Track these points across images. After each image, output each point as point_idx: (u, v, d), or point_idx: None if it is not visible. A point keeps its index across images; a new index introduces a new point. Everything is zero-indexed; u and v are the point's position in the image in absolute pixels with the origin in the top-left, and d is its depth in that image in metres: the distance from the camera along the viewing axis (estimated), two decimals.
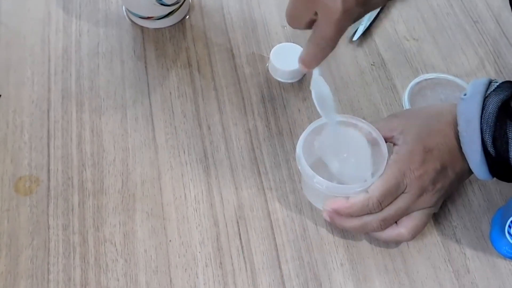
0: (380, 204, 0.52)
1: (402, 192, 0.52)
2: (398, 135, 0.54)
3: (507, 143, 0.49)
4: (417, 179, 0.52)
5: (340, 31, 0.49)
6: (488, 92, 0.51)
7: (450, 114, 0.54)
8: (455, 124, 0.53)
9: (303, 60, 0.53)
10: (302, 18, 0.51)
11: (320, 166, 0.55)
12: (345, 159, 0.55)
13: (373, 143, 0.55)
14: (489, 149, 0.50)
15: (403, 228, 0.53)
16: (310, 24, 0.51)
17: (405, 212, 0.53)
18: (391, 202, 0.52)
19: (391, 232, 0.53)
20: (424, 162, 0.52)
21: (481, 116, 0.50)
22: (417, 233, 0.54)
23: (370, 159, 0.55)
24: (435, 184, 0.52)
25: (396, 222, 0.54)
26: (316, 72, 0.55)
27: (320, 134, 0.56)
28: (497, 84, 0.52)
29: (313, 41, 0.51)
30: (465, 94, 0.53)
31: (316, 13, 0.49)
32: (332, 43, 0.50)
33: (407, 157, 0.52)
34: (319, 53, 0.52)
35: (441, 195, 0.54)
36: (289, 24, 0.53)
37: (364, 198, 0.52)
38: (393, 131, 0.54)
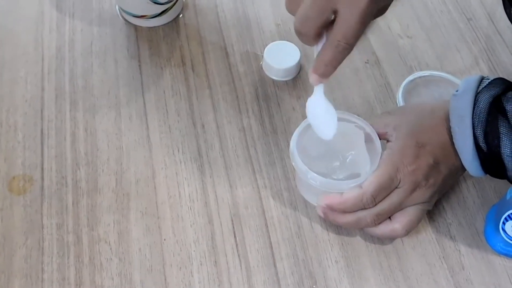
0: (374, 199, 0.52)
1: (396, 187, 0.52)
2: (392, 131, 0.54)
3: (498, 138, 0.49)
4: (410, 174, 0.52)
5: (363, 25, 0.45)
6: (480, 88, 0.52)
7: (442, 111, 0.54)
8: (448, 120, 0.53)
9: (318, 69, 0.48)
10: (318, 19, 0.45)
11: (313, 162, 0.55)
12: (344, 155, 0.56)
13: (367, 139, 0.55)
14: (480, 144, 0.50)
15: (397, 224, 0.53)
16: (322, 29, 0.47)
17: (398, 208, 0.53)
18: (384, 197, 0.52)
19: (385, 228, 0.53)
20: (417, 157, 0.52)
21: (473, 112, 0.51)
22: (411, 229, 0.54)
23: (367, 153, 0.55)
24: (428, 179, 0.53)
25: (390, 218, 0.54)
26: (320, 88, 0.51)
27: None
28: (489, 80, 0.52)
29: (331, 43, 0.46)
30: (457, 91, 0.53)
31: (334, 12, 0.45)
32: (353, 41, 0.46)
33: (400, 152, 0.53)
34: (338, 56, 0.47)
35: (434, 190, 0.54)
36: (299, 29, 0.47)
37: (358, 193, 0.52)
38: (387, 127, 0.55)
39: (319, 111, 0.53)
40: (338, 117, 0.54)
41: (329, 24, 0.47)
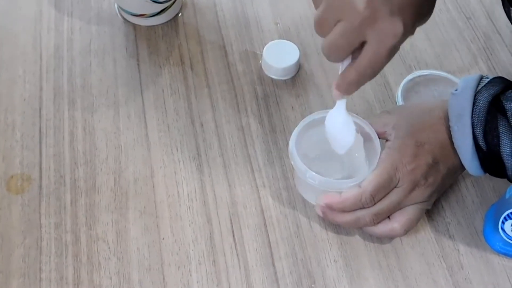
0: (373, 198, 0.52)
1: (395, 187, 0.52)
2: (391, 130, 0.54)
3: (498, 137, 0.49)
4: (409, 173, 0.52)
5: (391, 56, 0.46)
6: (479, 87, 0.52)
7: (441, 110, 0.54)
8: (447, 119, 0.53)
9: (340, 87, 0.49)
10: (347, 48, 0.46)
11: (312, 163, 0.54)
12: (343, 157, 0.56)
13: (366, 138, 0.55)
14: (480, 143, 0.50)
15: (396, 223, 0.53)
16: (350, 54, 0.47)
17: (397, 207, 0.53)
18: (383, 197, 0.52)
19: (384, 227, 0.53)
20: (416, 156, 0.52)
21: (472, 111, 0.51)
22: (410, 228, 0.54)
23: (365, 156, 0.55)
24: (427, 178, 0.52)
25: (389, 217, 0.54)
26: (343, 102, 0.52)
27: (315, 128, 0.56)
28: (488, 79, 0.52)
29: (357, 68, 0.47)
30: (456, 90, 0.53)
31: (362, 42, 0.45)
32: (379, 70, 0.47)
33: (399, 152, 0.52)
34: (362, 79, 0.48)
35: (433, 190, 0.54)
36: (327, 55, 0.47)
37: (357, 192, 0.52)
38: (386, 127, 0.55)
39: (338, 125, 0.53)
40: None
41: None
